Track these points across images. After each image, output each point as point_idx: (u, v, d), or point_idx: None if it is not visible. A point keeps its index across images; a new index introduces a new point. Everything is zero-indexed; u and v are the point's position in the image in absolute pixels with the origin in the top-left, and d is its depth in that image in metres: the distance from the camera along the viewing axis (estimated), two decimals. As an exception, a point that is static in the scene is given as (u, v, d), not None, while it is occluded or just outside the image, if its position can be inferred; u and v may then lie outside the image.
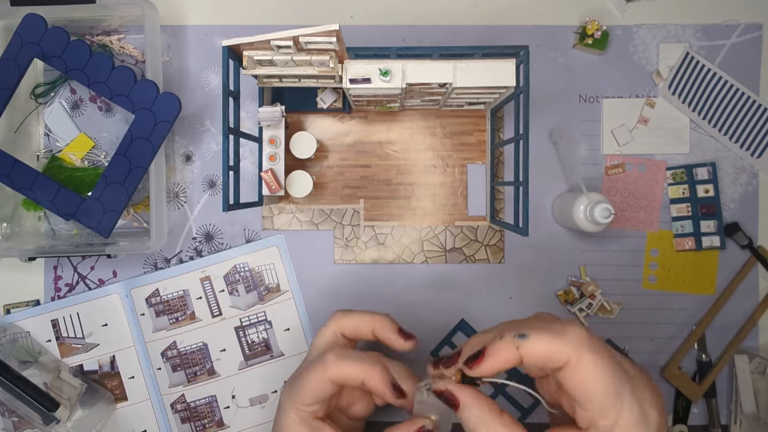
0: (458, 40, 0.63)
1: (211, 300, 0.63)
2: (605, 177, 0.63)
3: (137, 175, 0.57)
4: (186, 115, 0.64)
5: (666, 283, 0.63)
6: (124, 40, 0.64)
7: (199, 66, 0.64)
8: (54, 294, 0.64)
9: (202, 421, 0.62)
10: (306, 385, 0.43)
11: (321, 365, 0.42)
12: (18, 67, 0.57)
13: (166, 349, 0.62)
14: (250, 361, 0.63)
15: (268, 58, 0.46)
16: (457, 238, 0.63)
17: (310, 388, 0.43)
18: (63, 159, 0.63)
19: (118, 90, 0.57)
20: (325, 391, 0.43)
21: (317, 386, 0.42)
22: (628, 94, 0.63)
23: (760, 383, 0.61)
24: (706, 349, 0.62)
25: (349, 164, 0.63)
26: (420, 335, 0.63)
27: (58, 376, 0.59)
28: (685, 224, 0.63)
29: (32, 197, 0.58)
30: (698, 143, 0.63)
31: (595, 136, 0.63)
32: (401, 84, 0.48)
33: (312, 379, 0.42)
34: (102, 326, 0.63)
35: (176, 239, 0.64)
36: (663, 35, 0.63)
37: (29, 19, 0.57)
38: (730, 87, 0.62)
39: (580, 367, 0.34)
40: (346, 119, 0.63)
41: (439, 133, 0.63)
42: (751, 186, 0.63)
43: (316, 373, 0.42)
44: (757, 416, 0.60)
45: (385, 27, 0.64)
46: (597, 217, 0.53)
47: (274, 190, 0.57)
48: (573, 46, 0.63)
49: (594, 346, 0.34)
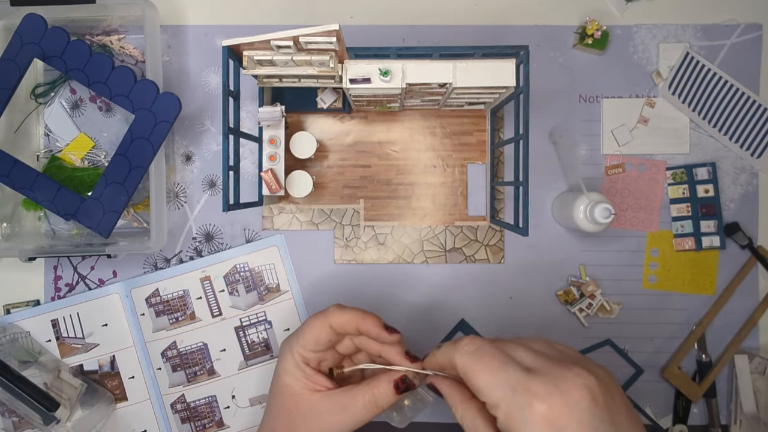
0: (458, 40, 0.63)
1: (211, 300, 0.63)
2: (605, 177, 0.63)
3: (137, 175, 0.57)
4: (186, 115, 0.64)
5: (666, 283, 0.63)
6: (124, 40, 0.64)
7: (199, 66, 0.64)
8: (54, 294, 0.64)
9: (202, 421, 0.62)
10: (307, 331, 0.46)
11: (322, 313, 0.47)
12: (18, 67, 0.57)
13: (166, 349, 0.62)
14: (250, 361, 0.63)
15: (268, 58, 0.46)
16: (457, 238, 0.63)
17: (310, 333, 0.46)
18: (63, 159, 0.63)
19: (118, 90, 0.57)
20: (324, 337, 0.46)
21: (317, 331, 0.46)
22: (628, 94, 0.63)
23: (760, 383, 0.61)
24: (706, 349, 0.62)
25: (349, 164, 0.63)
26: (420, 335, 0.63)
27: (58, 376, 0.59)
28: (685, 224, 0.63)
29: (32, 197, 0.58)
30: (698, 143, 0.63)
31: (595, 136, 0.63)
32: (401, 84, 0.48)
33: (313, 325, 0.46)
34: (102, 326, 0.63)
35: (176, 239, 0.64)
36: (663, 35, 0.63)
37: (29, 19, 0.57)
38: (730, 87, 0.62)
39: (462, 368, 0.38)
40: (346, 119, 0.63)
41: (439, 133, 0.63)
42: (751, 186, 0.63)
43: (317, 319, 0.46)
44: (757, 416, 0.60)
45: (385, 27, 0.64)
46: (597, 217, 0.53)
47: (274, 190, 0.57)
48: (573, 46, 0.63)
49: (477, 352, 0.38)
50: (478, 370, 0.37)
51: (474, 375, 0.37)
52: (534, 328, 0.63)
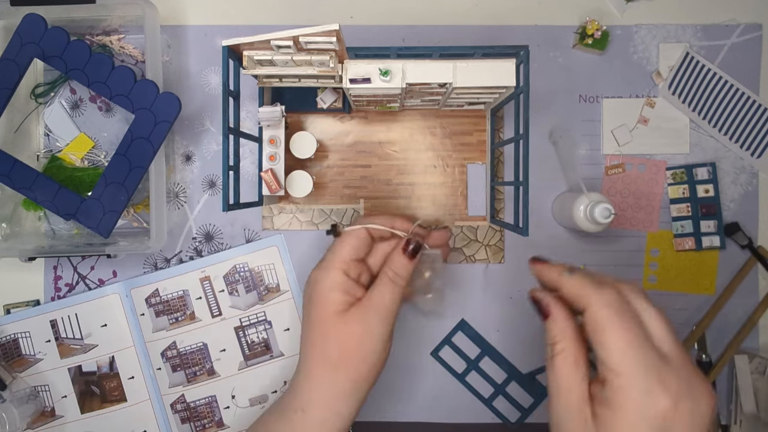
0: (458, 40, 0.63)
1: (210, 300, 0.63)
2: (605, 177, 0.63)
3: (137, 175, 0.57)
4: (186, 115, 0.64)
5: (666, 283, 0.63)
6: (124, 40, 0.64)
7: (199, 66, 0.64)
8: (54, 294, 0.64)
9: (201, 421, 0.62)
10: (345, 243, 0.48)
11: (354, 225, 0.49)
12: (18, 67, 0.57)
13: (165, 349, 0.62)
14: (249, 362, 0.63)
15: (268, 58, 0.46)
16: (457, 238, 0.63)
17: (348, 244, 0.48)
18: (63, 159, 0.63)
19: (118, 90, 0.57)
20: (362, 244, 0.48)
21: (354, 241, 0.48)
22: (628, 94, 0.63)
23: (760, 383, 0.61)
24: (706, 349, 0.62)
25: (349, 164, 0.63)
26: (420, 335, 0.63)
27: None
28: (685, 224, 0.63)
29: (32, 197, 0.58)
30: (698, 143, 0.63)
31: (595, 136, 0.63)
32: (401, 84, 0.48)
33: (350, 237, 0.48)
34: (101, 327, 0.63)
35: (176, 239, 0.64)
36: (663, 35, 0.63)
37: (29, 19, 0.57)
38: (730, 87, 0.62)
39: (596, 318, 0.37)
40: (346, 119, 0.63)
41: (439, 133, 0.63)
42: (751, 186, 0.63)
43: (352, 231, 0.48)
44: (757, 416, 0.60)
45: (385, 27, 0.64)
46: (597, 217, 0.53)
47: (274, 190, 0.57)
48: (573, 46, 0.63)
49: (621, 311, 0.37)
50: (616, 330, 0.36)
51: (612, 334, 0.36)
52: (534, 328, 0.63)
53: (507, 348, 0.63)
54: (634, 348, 0.36)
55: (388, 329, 0.46)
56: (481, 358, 0.63)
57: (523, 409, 0.62)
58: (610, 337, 0.36)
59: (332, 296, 0.46)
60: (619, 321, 0.36)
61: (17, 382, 0.62)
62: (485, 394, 0.63)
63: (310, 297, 0.47)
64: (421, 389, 0.63)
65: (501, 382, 0.63)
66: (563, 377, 0.39)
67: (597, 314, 0.37)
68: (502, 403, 0.63)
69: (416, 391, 0.63)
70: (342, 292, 0.46)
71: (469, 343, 0.63)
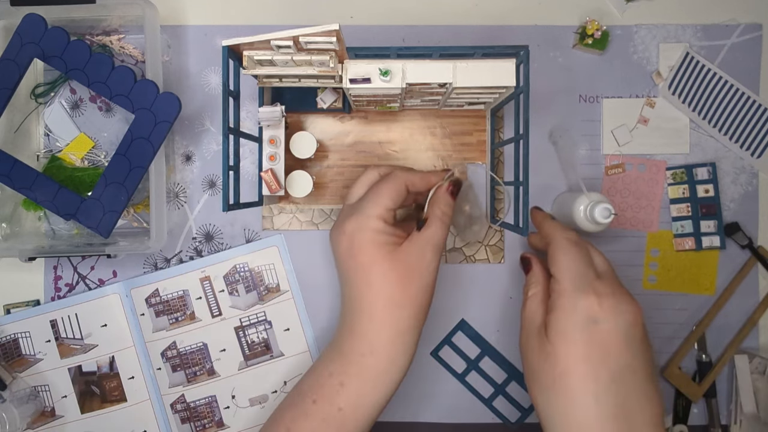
0: (458, 40, 0.63)
1: (210, 300, 0.63)
2: (605, 177, 0.63)
3: (137, 175, 0.57)
4: (186, 115, 0.64)
5: (666, 283, 0.63)
6: (124, 40, 0.64)
7: (199, 66, 0.64)
8: (54, 294, 0.64)
9: (202, 421, 0.62)
10: (383, 194, 0.50)
11: (393, 176, 0.51)
12: (18, 67, 0.57)
13: (165, 349, 0.62)
14: (250, 362, 0.63)
15: (268, 58, 0.46)
16: (457, 238, 0.63)
17: (387, 195, 0.50)
18: (63, 159, 0.63)
19: (118, 90, 0.57)
20: (401, 196, 0.50)
21: (394, 194, 0.50)
22: (628, 94, 0.63)
23: (760, 383, 0.61)
24: (706, 349, 0.62)
25: (349, 164, 0.63)
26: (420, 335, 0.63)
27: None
28: (685, 224, 0.63)
29: (32, 197, 0.58)
30: (698, 143, 0.63)
31: (595, 136, 0.63)
32: (401, 84, 0.48)
33: (389, 187, 0.50)
34: (101, 327, 0.63)
35: (176, 239, 0.64)
36: (663, 35, 0.63)
37: (29, 19, 0.57)
38: (730, 87, 0.62)
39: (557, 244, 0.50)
40: (346, 119, 0.63)
41: (439, 133, 0.63)
42: (751, 186, 0.63)
43: (393, 181, 0.51)
44: (757, 416, 0.60)
45: (385, 27, 0.64)
46: (597, 217, 0.53)
47: (274, 190, 0.57)
48: (573, 46, 0.63)
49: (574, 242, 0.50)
50: (568, 253, 0.48)
51: (563, 255, 0.48)
52: (534, 328, 0.63)
53: (507, 348, 0.63)
54: (576, 263, 0.48)
55: (438, 263, 0.50)
56: (481, 358, 0.63)
57: (523, 409, 0.62)
58: (561, 256, 0.48)
59: (380, 239, 0.48)
60: (570, 246, 0.49)
61: (17, 382, 0.62)
62: (485, 394, 0.63)
63: (351, 244, 0.49)
64: (420, 389, 0.63)
65: (501, 382, 0.63)
66: (530, 311, 0.50)
67: (558, 242, 0.50)
68: (502, 403, 0.63)
69: (416, 391, 0.63)
70: (388, 235, 0.49)
71: (469, 343, 0.63)
